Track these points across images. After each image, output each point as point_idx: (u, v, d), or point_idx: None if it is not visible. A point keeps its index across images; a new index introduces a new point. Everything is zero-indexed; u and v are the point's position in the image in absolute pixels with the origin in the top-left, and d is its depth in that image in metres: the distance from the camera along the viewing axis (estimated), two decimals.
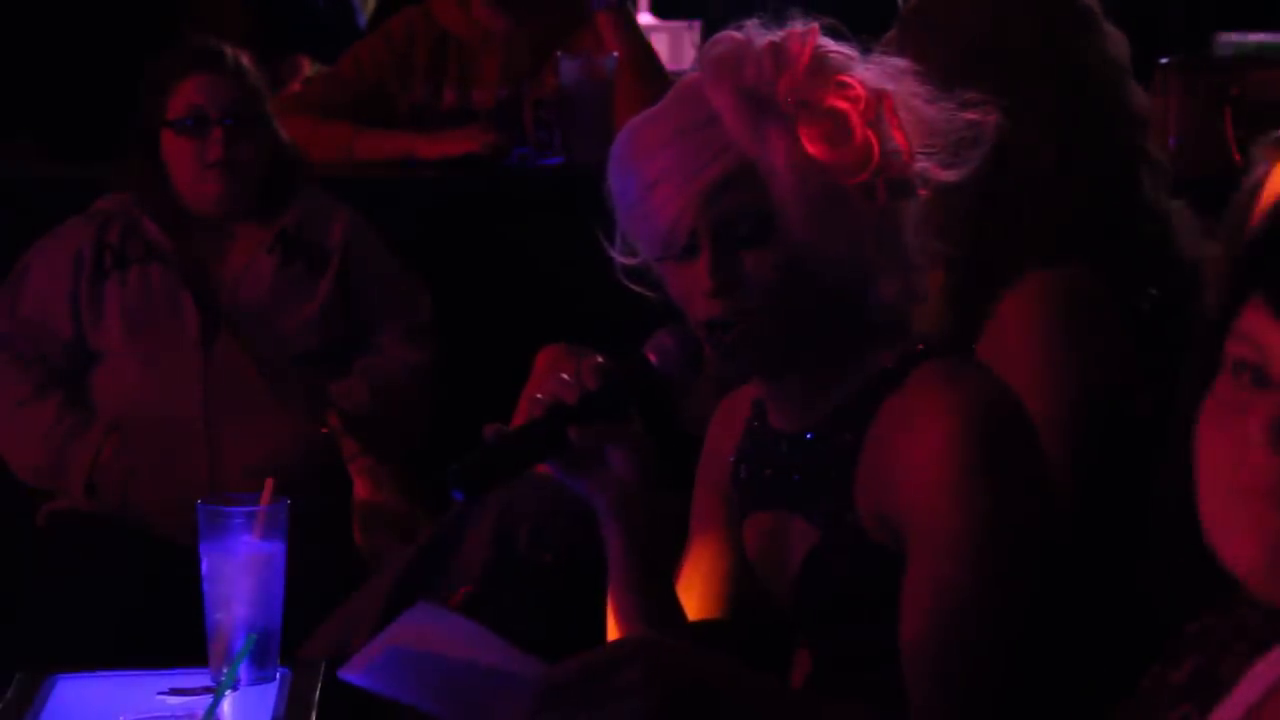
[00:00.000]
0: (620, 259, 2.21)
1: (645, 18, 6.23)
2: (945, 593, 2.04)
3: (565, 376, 2.13)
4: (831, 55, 2.13)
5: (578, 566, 2.74)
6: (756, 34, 2.15)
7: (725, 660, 2.01)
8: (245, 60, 3.84)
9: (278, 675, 2.48)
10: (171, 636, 2.90)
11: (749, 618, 2.31)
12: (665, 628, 2.19)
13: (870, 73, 2.14)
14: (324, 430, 3.76)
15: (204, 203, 3.79)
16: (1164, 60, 4.04)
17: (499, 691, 1.91)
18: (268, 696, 2.43)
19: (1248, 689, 1.35)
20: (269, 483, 2.47)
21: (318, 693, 2.43)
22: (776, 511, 2.21)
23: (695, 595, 2.32)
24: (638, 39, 4.40)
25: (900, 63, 2.17)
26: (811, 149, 2.08)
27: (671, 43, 6.39)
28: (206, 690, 2.41)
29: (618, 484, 2.16)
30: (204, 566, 2.47)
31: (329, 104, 4.36)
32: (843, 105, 2.09)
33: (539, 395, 2.14)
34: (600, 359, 2.15)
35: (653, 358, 2.14)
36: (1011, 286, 2.50)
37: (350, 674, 1.92)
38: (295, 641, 2.78)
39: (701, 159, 2.10)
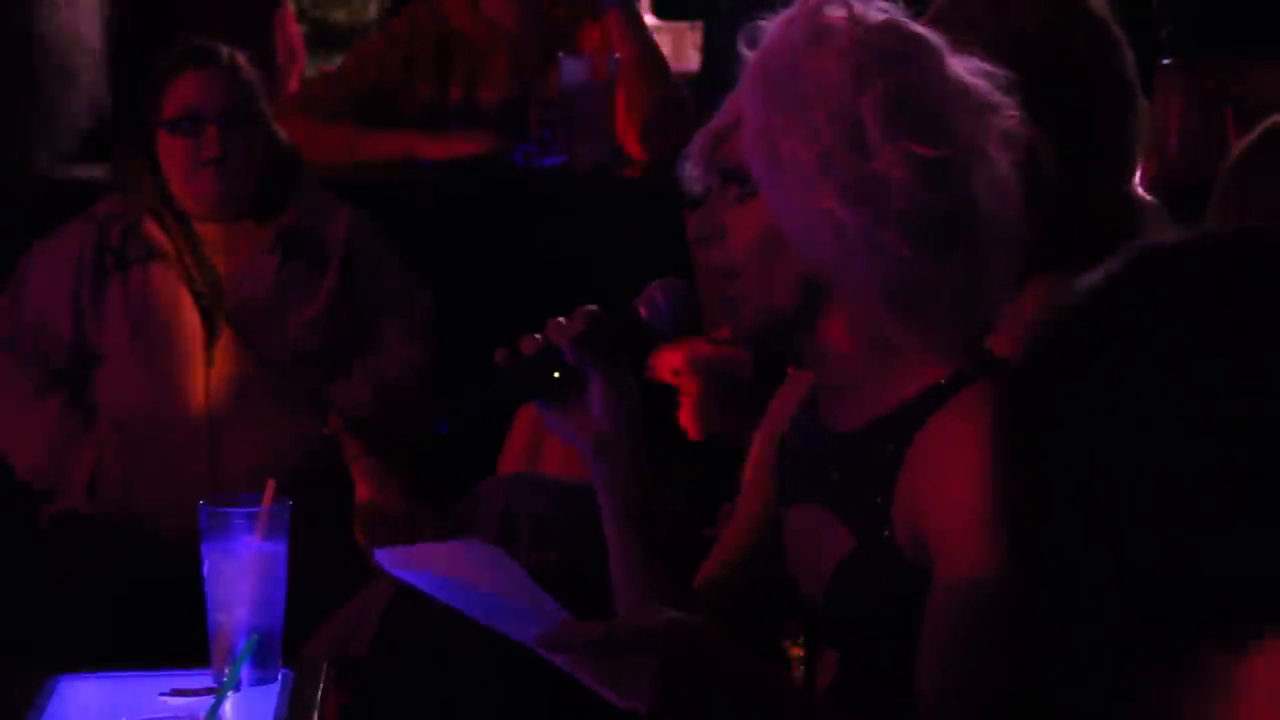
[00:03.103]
0: None
1: (647, 18, 6.24)
2: (966, 624, 2.00)
3: (560, 320, 2.20)
4: (831, 81, 2.07)
5: (580, 566, 2.74)
6: (855, 7, 2.10)
7: (744, 656, 2.01)
8: (239, 58, 3.84)
9: (279, 676, 2.47)
10: (173, 637, 2.90)
11: (769, 600, 2.30)
12: (654, 565, 2.21)
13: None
14: (325, 433, 3.77)
15: (200, 202, 3.78)
16: (1165, 61, 4.03)
17: (519, 620, 2.00)
18: (269, 697, 2.43)
19: None
20: (270, 484, 2.47)
21: (319, 694, 2.44)
22: (815, 509, 2.19)
23: (727, 564, 2.32)
24: (645, 38, 4.41)
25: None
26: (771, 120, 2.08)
27: (673, 43, 6.39)
28: (208, 691, 2.41)
29: (598, 427, 2.21)
30: (206, 567, 2.47)
31: (331, 104, 4.36)
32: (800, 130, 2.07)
33: (535, 336, 2.21)
34: (593, 307, 2.22)
35: (643, 311, 2.22)
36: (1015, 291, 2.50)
37: (385, 561, 2.01)
38: (297, 642, 2.78)
39: (724, 106, 2.16)
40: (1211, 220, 2.06)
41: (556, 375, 2.20)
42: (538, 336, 2.21)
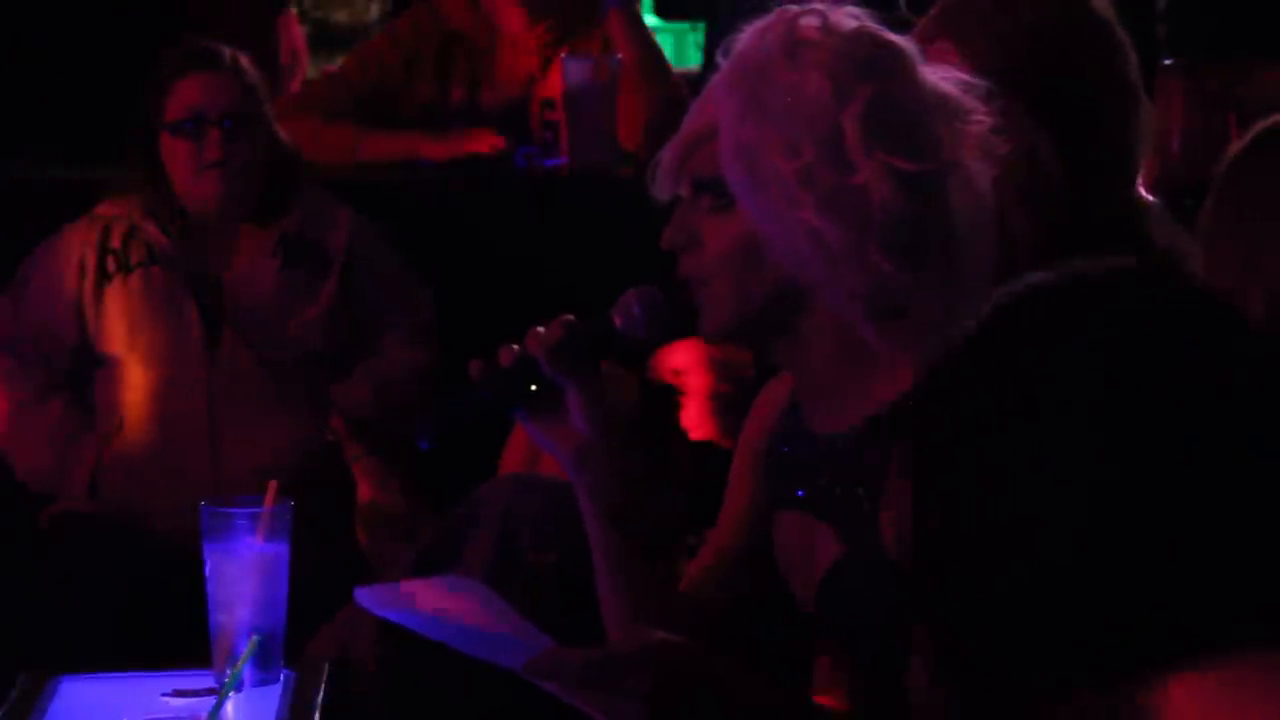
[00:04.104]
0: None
1: (648, 19, 6.24)
2: None
3: (538, 330, 2.19)
4: (814, 95, 2.07)
5: (580, 568, 2.74)
6: (830, 16, 2.10)
7: (736, 674, 2.00)
8: (243, 60, 3.83)
9: (281, 677, 2.48)
10: (175, 638, 2.90)
11: (761, 603, 2.30)
12: (643, 570, 2.21)
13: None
14: (329, 438, 3.77)
15: (203, 203, 3.78)
16: (1167, 62, 4.03)
17: (505, 651, 1.99)
18: (271, 698, 2.43)
19: None
20: (273, 484, 2.47)
21: (321, 695, 2.44)
22: (804, 514, 2.19)
23: (715, 566, 2.32)
24: (646, 40, 4.40)
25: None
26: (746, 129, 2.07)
27: (675, 44, 6.39)
28: (210, 692, 2.41)
29: (578, 437, 2.20)
30: (208, 568, 2.47)
31: (332, 105, 4.36)
32: (774, 144, 2.06)
33: (514, 346, 2.19)
34: (569, 317, 2.21)
35: (618, 320, 2.21)
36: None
37: (367, 601, 1.99)
38: (299, 643, 2.78)
39: (692, 114, 2.15)
40: (1207, 221, 2.05)
41: (534, 388, 2.19)
42: (515, 347, 2.19)
